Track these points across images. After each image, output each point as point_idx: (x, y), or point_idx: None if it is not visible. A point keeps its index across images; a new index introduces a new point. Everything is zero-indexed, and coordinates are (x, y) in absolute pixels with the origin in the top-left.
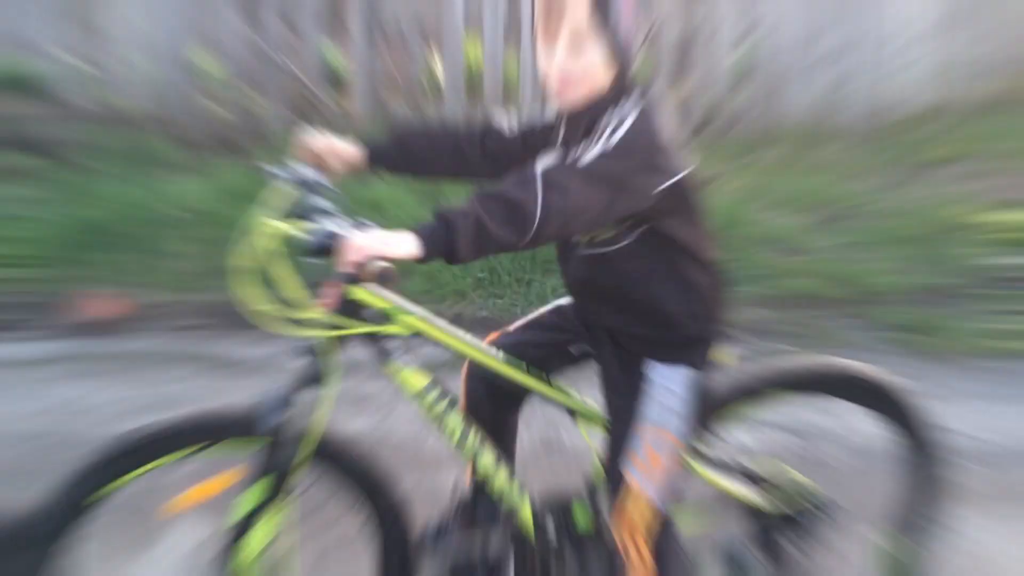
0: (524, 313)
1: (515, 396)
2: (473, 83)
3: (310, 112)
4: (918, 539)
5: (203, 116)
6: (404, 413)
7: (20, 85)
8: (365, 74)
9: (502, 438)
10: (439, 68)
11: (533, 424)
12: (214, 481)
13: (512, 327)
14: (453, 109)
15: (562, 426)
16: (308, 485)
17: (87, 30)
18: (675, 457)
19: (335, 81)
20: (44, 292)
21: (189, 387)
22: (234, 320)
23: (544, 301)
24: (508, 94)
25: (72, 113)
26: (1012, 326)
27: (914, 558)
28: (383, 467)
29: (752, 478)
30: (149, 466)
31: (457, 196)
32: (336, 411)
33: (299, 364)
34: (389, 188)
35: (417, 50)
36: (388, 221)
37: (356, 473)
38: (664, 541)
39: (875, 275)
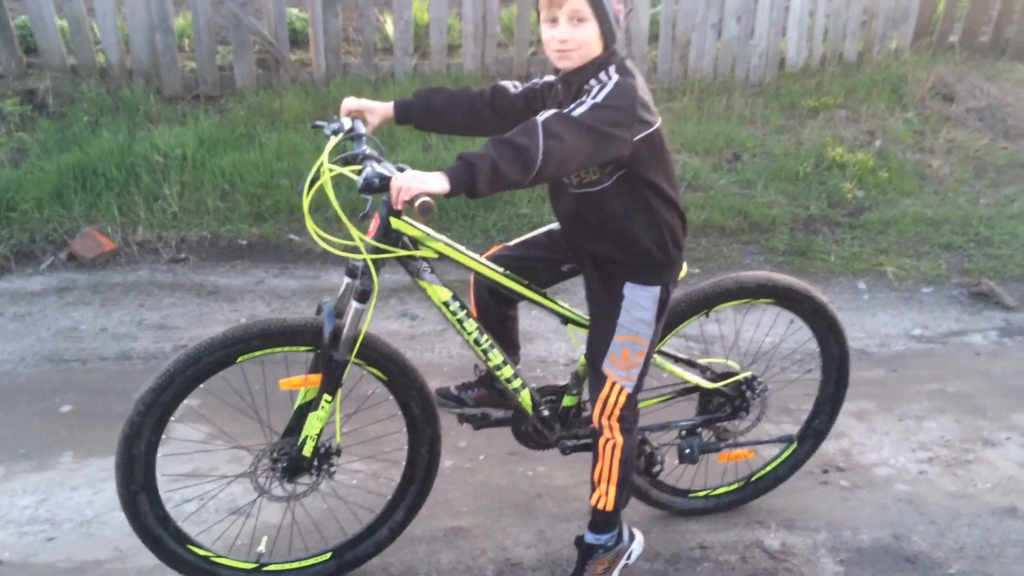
0: (468, 244)
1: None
2: (420, 41)
3: (275, 67)
4: (813, 439)
5: (179, 70)
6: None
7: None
8: (323, 34)
9: (506, 330)
10: (390, 28)
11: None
12: (313, 376)
13: (511, 243)
14: (402, 63)
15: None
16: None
17: None
18: (644, 356)
19: (297, 40)
20: (42, 232)
21: (174, 313)
22: (211, 254)
23: (486, 234)
24: (451, 51)
25: (55, 65)
26: (859, 248)
27: (803, 455)
28: (410, 361)
29: (700, 368)
30: (260, 352)
31: (410, 145)
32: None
33: (348, 282)
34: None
35: (370, 12)
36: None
37: (402, 376)
38: (630, 420)
39: (765, 208)
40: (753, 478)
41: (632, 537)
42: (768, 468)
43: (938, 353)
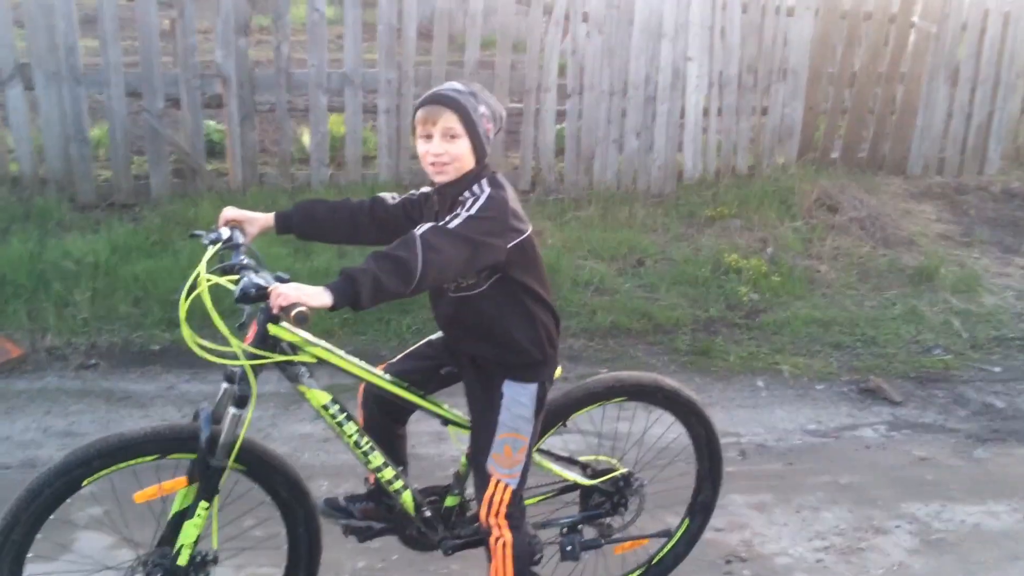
0: (384, 347)
1: (401, 411)
2: (336, 152)
3: (192, 177)
4: (701, 514)
5: (94, 180)
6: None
7: None
8: (240, 145)
9: (394, 446)
10: (307, 139)
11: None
12: (168, 484)
13: (394, 359)
14: (319, 174)
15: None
16: (232, 484)
17: None
18: (525, 453)
19: (214, 150)
20: None
21: (82, 419)
22: (122, 360)
23: (399, 336)
24: (366, 162)
25: None
26: (756, 348)
27: (695, 530)
28: (293, 468)
29: (580, 465)
30: (104, 472)
31: (326, 251)
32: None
33: (226, 388)
34: (265, 243)
35: (287, 125)
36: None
37: (272, 473)
38: (517, 517)
39: (668, 310)
40: (654, 561)
41: None
42: (667, 549)
43: (831, 446)
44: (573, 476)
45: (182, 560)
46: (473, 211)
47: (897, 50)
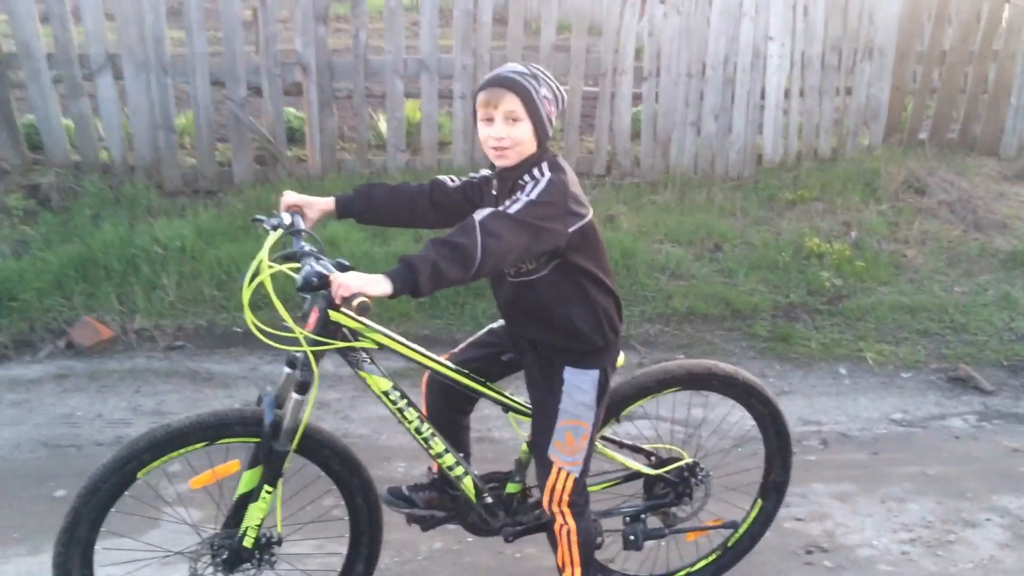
0: (459, 331)
1: (465, 402)
2: (412, 138)
3: (273, 163)
4: (775, 494)
5: (180, 167)
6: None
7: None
8: (319, 132)
9: (457, 437)
10: (383, 126)
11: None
12: (226, 466)
13: (457, 349)
14: (395, 159)
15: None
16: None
17: (77, 93)
18: (588, 440)
19: (294, 137)
20: (42, 320)
21: (169, 399)
22: (207, 341)
23: (475, 320)
24: (442, 147)
25: (59, 162)
26: (839, 335)
27: (770, 511)
28: (354, 453)
29: (645, 454)
30: (156, 463)
31: (401, 235)
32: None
33: (288, 373)
34: (343, 228)
35: (364, 111)
36: (342, 255)
37: (334, 458)
38: (580, 504)
39: (746, 295)
40: (729, 544)
41: None
42: (741, 530)
43: (918, 436)
44: (637, 465)
45: (247, 542)
46: (533, 196)
47: (990, 27)
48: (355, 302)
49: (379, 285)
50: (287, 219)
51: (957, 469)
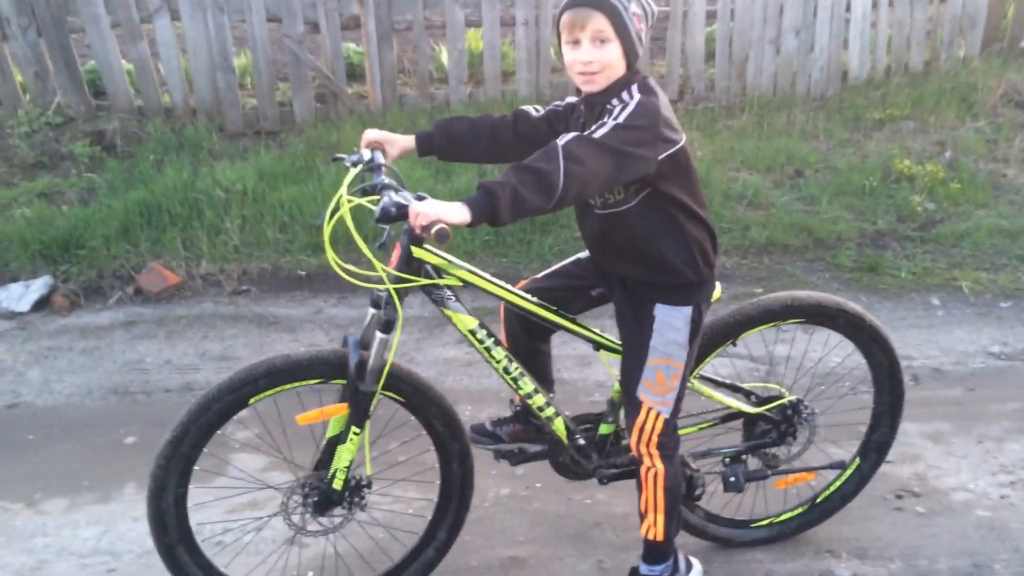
0: (525, 268)
1: (544, 329)
2: (475, 69)
3: (333, 101)
4: (876, 454)
5: (240, 108)
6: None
7: (92, 86)
8: (379, 66)
9: (538, 364)
10: (445, 58)
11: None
12: (336, 407)
13: (540, 275)
14: (457, 92)
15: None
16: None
17: (136, 37)
18: (679, 380)
19: (354, 73)
20: (110, 268)
21: (236, 344)
22: (271, 285)
23: (542, 258)
24: (505, 78)
25: (122, 107)
26: (931, 263)
27: (868, 471)
28: (438, 390)
29: (744, 392)
30: (270, 392)
31: (466, 171)
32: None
33: (373, 313)
34: (405, 166)
35: (425, 44)
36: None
37: (419, 396)
38: (670, 447)
39: (830, 224)
40: (818, 500)
41: (689, 566)
42: (833, 487)
43: (1018, 370)
44: (737, 404)
45: (337, 484)
46: (621, 119)
47: None
48: (433, 230)
49: (457, 212)
50: (367, 155)
51: None
